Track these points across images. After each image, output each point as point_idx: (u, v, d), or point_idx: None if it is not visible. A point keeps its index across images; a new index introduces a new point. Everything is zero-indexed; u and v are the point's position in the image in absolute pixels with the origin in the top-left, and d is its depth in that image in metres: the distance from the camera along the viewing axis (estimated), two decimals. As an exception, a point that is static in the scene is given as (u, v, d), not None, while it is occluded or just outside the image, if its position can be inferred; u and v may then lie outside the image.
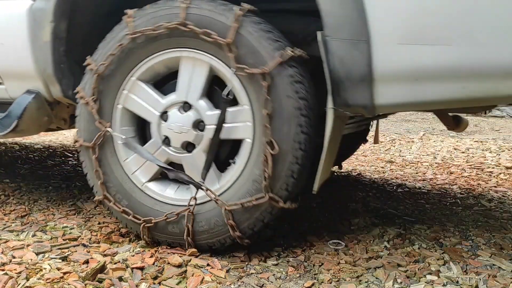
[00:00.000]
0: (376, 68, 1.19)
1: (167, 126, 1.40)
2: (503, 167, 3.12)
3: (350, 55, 1.21)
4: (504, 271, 1.36)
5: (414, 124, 5.63)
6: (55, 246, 1.41)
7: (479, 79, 1.15)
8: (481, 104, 1.27)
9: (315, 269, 1.34)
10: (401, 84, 1.20)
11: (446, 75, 1.16)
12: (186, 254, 1.37)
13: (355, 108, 1.26)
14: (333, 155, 1.42)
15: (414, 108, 1.33)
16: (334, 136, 1.31)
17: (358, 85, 1.22)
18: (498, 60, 1.11)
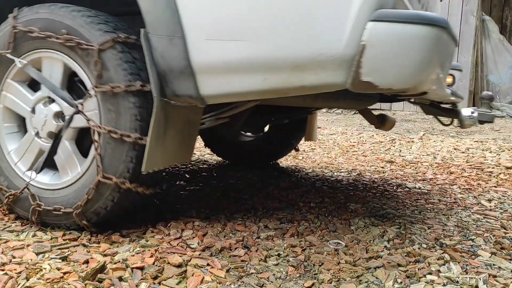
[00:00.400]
0: (193, 62, 1.34)
1: (36, 119, 1.57)
2: (503, 167, 3.12)
3: (168, 50, 1.36)
4: (504, 271, 1.36)
5: (414, 124, 5.63)
6: (55, 246, 1.41)
7: (275, 72, 1.28)
8: (287, 94, 1.34)
9: (315, 269, 1.34)
10: (217, 76, 1.34)
11: (248, 68, 1.30)
12: (187, 254, 1.38)
13: (184, 98, 1.41)
14: (172, 141, 1.51)
15: (238, 98, 1.42)
16: (161, 123, 1.43)
17: (181, 77, 1.38)
18: (286, 54, 1.25)
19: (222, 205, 2.02)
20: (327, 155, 3.77)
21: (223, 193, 2.24)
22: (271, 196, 2.22)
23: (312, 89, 1.29)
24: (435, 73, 1.31)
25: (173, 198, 2.11)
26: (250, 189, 2.37)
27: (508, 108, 6.30)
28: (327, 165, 3.28)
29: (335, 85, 1.25)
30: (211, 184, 2.47)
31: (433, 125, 5.52)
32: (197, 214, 1.84)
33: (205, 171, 2.86)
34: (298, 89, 1.30)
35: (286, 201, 2.12)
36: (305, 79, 1.26)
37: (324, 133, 5.16)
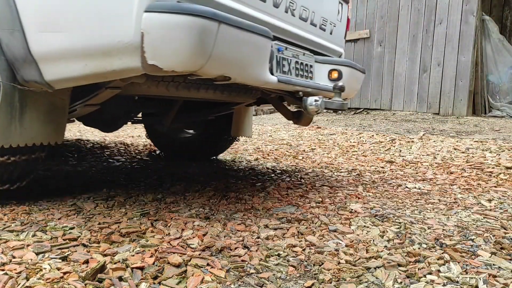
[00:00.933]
0: (32, 51, 1.57)
1: None
2: (503, 167, 3.12)
3: (11, 41, 1.61)
4: (504, 271, 1.36)
5: (414, 124, 5.63)
6: (55, 246, 1.41)
7: (90, 58, 1.48)
8: (106, 79, 1.53)
9: (315, 269, 1.34)
10: (53, 63, 1.56)
11: (71, 56, 1.51)
12: (187, 254, 1.37)
13: (32, 83, 1.64)
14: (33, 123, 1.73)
15: (75, 83, 1.60)
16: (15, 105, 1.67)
17: (25, 65, 1.61)
18: (94, 43, 1.46)
19: (222, 205, 2.02)
20: (327, 155, 3.77)
21: (223, 193, 2.24)
22: (271, 196, 2.22)
23: (122, 73, 1.48)
24: (223, 59, 1.49)
25: (173, 198, 2.11)
26: (250, 189, 2.37)
27: (508, 108, 6.30)
28: (327, 165, 3.28)
29: (134, 68, 1.43)
30: (211, 184, 2.47)
31: (433, 125, 5.53)
32: (197, 214, 1.84)
33: (205, 171, 2.86)
34: (112, 73, 1.49)
35: (286, 201, 2.12)
36: (114, 64, 1.45)
37: (324, 133, 5.16)
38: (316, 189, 2.42)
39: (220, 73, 1.53)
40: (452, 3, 6.09)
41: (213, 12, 1.40)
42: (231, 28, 1.48)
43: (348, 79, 2.29)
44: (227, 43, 1.48)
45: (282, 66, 1.93)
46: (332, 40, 2.48)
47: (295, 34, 2.10)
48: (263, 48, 1.67)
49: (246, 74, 1.64)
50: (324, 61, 2.30)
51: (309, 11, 2.20)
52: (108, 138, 4.68)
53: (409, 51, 6.49)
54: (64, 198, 2.01)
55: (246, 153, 3.79)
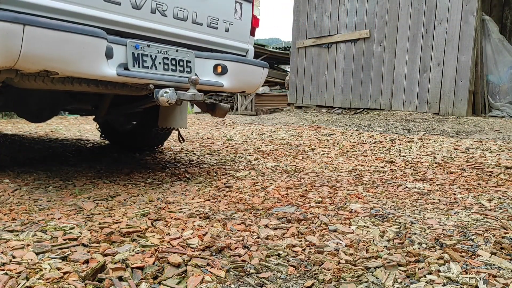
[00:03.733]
0: None
1: None
2: (503, 167, 3.12)
3: None
4: (504, 271, 1.36)
5: (414, 124, 5.62)
6: (55, 246, 1.41)
7: None
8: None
9: (315, 269, 1.34)
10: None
11: None
12: (187, 254, 1.37)
13: None
14: None
15: None
16: None
17: None
18: None
19: (222, 205, 2.02)
20: (327, 155, 3.77)
21: (223, 193, 2.24)
22: (271, 196, 2.22)
23: None
24: (37, 56, 1.73)
25: (173, 198, 2.11)
26: (250, 189, 2.37)
27: (508, 108, 6.29)
28: (327, 165, 3.28)
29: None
30: (211, 184, 2.47)
31: (433, 125, 5.52)
32: (197, 214, 1.84)
33: (206, 171, 2.86)
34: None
35: (286, 201, 2.12)
36: None
37: (324, 133, 5.16)
38: (316, 189, 2.42)
39: (41, 68, 1.79)
40: (452, 3, 6.09)
41: (13, 16, 1.66)
42: (41, 29, 1.71)
43: (236, 73, 2.49)
44: (39, 42, 1.71)
45: (142, 62, 2.15)
46: (230, 37, 2.69)
47: (164, 32, 2.32)
48: (91, 45, 1.89)
49: (74, 69, 1.87)
50: (208, 56, 2.48)
51: (189, 11, 2.41)
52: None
53: (409, 51, 6.49)
54: (64, 198, 2.01)
55: (246, 153, 3.79)
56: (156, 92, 2.17)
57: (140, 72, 2.14)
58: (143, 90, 2.30)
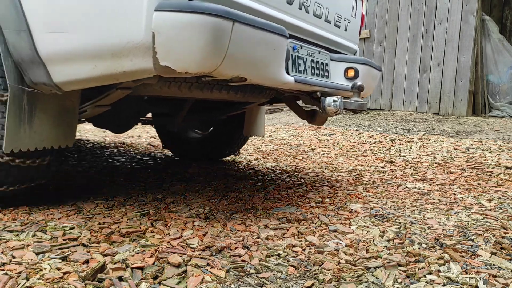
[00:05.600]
0: (39, 52, 1.52)
1: None
2: (503, 167, 3.12)
3: (18, 42, 1.55)
4: (504, 271, 1.36)
5: (414, 124, 5.62)
6: (55, 246, 1.41)
7: (100, 59, 1.42)
8: (118, 80, 1.47)
9: (315, 269, 1.34)
10: (61, 64, 1.51)
11: (79, 56, 1.45)
12: (187, 254, 1.37)
13: (41, 86, 1.59)
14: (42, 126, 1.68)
15: (84, 85, 1.54)
16: (23, 108, 1.61)
17: (33, 66, 1.55)
18: (103, 43, 1.40)
19: (222, 205, 2.02)
20: (327, 155, 3.77)
21: (223, 193, 2.24)
22: (271, 196, 2.22)
23: (133, 75, 1.41)
24: (239, 59, 1.41)
25: (173, 198, 2.10)
26: (250, 189, 2.37)
27: (508, 108, 6.30)
28: (327, 165, 3.28)
29: (146, 70, 1.37)
30: (211, 184, 2.47)
31: (433, 125, 5.52)
32: (197, 214, 1.84)
33: (205, 171, 2.86)
34: (123, 75, 1.42)
35: (286, 201, 2.12)
36: (124, 66, 1.39)
37: (324, 133, 5.16)
38: (316, 189, 2.42)
39: (236, 74, 1.46)
40: (452, 3, 6.09)
41: (226, 11, 1.33)
42: (246, 27, 1.41)
43: (364, 78, 2.19)
44: (242, 42, 1.41)
45: (297, 65, 1.87)
46: (347, 37, 2.40)
47: (309, 32, 2.04)
48: (279, 47, 1.59)
49: (262, 74, 1.57)
50: (339, 59, 2.19)
51: (323, 8, 2.12)
52: (108, 138, 4.68)
53: (409, 51, 6.49)
54: (64, 198, 2.01)
55: (246, 153, 3.79)
56: (323, 100, 1.94)
57: (306, 77, 1.87)
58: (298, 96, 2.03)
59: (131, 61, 1.37)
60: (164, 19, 1.30)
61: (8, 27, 1.56)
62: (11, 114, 1.57)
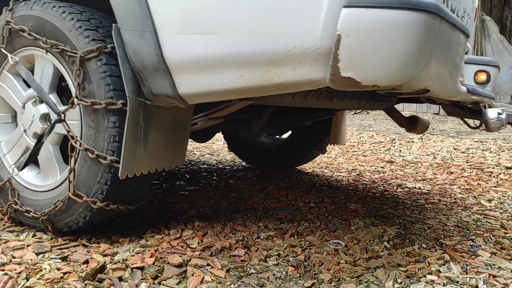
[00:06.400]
0: (166, 58, 1.24)
1: (25, 116, 1.54)
2: (503, 167, 3.12)
3: (140, 45, 1.27)
4: (504, 271, 1.36)
5: (414, 124, 5.62)
6: (55, 246, 1.41)
7: (249, 68, 1.16)
8: (266, 93, 1.19)
9: (315, 269, 1.34)
10: (192, 73, 1.23)
11: (222, 64, 1.18)
12: (187, 254, 1.37)
13: (162, 98, 1.31)
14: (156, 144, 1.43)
15: (218, 97, 1.29)
16: (140, 125, 1.36)
17: (155, 75, 1.28)
18: (259, 48, 1.13)
19: (222, 205, 2.02)
20: (327, 155, 3.77)
21: (223, 193, 2.24)
22: (271, 196, 2.22)
23: (292, 87, 1.16)
24: (433, 67, 1.14)
25: (173, 198, 2.10)
26: (250, 189, 2.37)
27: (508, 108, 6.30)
28: (327, 165, 3.28)
29: (315, 81, 1.11)
30: (211, 184, 2.47)
31: (433, 125, 5.52)
32: (197, 214, 1.84)
33: (205, 171, 2.86)
34: (277, 87, 1.17)
35: (286, 201, 2.12)
36: (283, 76, 1.13)
37: (324, 133, 5.16)
38: (316, 189, 2.42)
39: (424, 85, 1.17)
40: (452, 3, 6.09)
41: (437, 6, 1.05)
42: (447, 26, 1.14)
43: (494, 81, 1.81)
44: (442, 45, 1.15)
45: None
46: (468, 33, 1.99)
47: None
48: (462, 49, 1.32)
49: (444, 84, 1.28)
50: (469, 60, 1.79)
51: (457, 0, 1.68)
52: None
53: (409, 51, 6.48)
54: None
55: (246, 153, 3.79)
56: (486, 113, 1.66)
57: (475, 86, 1.58)
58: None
59: (293, 70, 1.11)
60: (358, 18, 1.02)
61: (129, 28, 1.29)
62: (128, 133, 1.32)
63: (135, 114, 1.33)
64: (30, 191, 1.54)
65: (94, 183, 1.38)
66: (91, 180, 1.38)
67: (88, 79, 1.35)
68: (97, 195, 1.38)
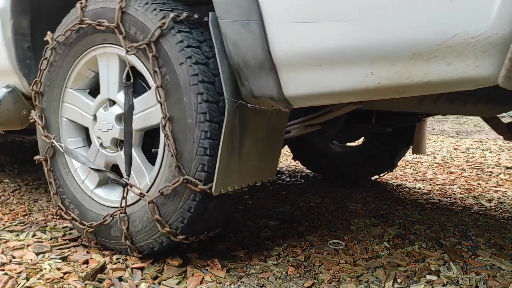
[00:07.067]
0: (275, 52, 1.03)
1: (97, 127, 1.38)
2: (503, 167, 3.12)
3: (243, 38, 1.06)
4: (504, 271, 1.36)
5: (414, 124, 5.62)
6: (55, 246, 1.41)
7: (385, 63, 0.94)
8: (402, 94, 1.00)
9: (315, 269, 1.34)
10: (306, 70, 1.02)
11: (347, 58, 0.97)
12: (186, 254, 1.37)
13: (264, 100, 1.10)
14: (250, 155, 1.25)
15: (334, 100, 1.11)
16: (236, 132, 1.17)
17: (259, 73, 1.07)
18: (403, 38, 0.90)
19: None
20: (327, 155, 3.77)
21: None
22: (271, 196, 2.22)
23: (441, 87, 0.94)
24: None
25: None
26: (250, 189, 2.37)
27: (508, 108, 6.29)
28: (327, 165, 3.28)
29: (477, 80, 0.89)
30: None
31: (433, 125, 5.52)
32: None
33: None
34: (419, 87, 0.94)
35: (286, 201, 2.12)
36: (431, 73, 0.91)
37: (324, 133, 5.16)
38: (316, 189, 2.42)
39: None
40: (452, 3, 6.08)
41: None
42: None
43: None
44: None
45: None
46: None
47: None
48: None
49: None
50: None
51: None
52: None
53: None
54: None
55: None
56: None
57: None
58: None
59: (447, 65, 0.90)
60: None
61: (229, 16, 1.09)
62: (225, 140, 1.13)
63: (231, 119, 1.14)
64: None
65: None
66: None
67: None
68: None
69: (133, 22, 1.22)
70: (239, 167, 1.20)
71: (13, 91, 1.72)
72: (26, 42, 1.67)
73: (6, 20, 1.63)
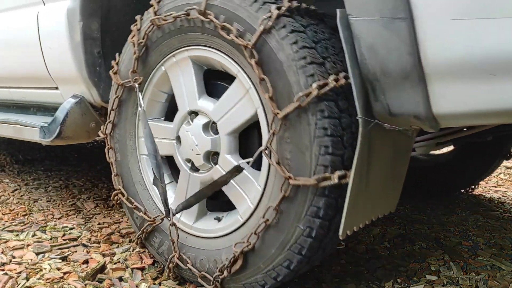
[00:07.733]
0: (427, 58, 0.80)
1: (183, 147, 1.19)
2: (503, 167, 3.12)
3: (383, 40, 0.84)
4: (504, 271, 1.36)
5: (414, 124, 5.63)
6: (55, 246, 1.41)
7: None
8: None
9: (316, 269, 1.34)
10: (471, 82, 0.78)
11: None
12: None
13: (405, 118, 0.87)
14: (376, 183, 1.02)
15: (505, 119, 0.85)
16: (365, 157, 0.94)
17: (403, 84, 0.84)
18: None
19: (222, 205, 2.02)
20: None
21: (223, 193, 2.24)
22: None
23: None
24: None
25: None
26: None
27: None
28: (327, 165, 3.28)
29: None
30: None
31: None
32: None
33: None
34: None
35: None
36: None
37: (324, 133, 5.16)
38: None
39: None
40: (452, 3, 6.08)
41: None
42: None
43: None
44: None
45: None
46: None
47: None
48: None
49: None
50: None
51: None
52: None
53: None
54: (64, 198, 2.01)
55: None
56: None
57: None
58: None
59: None
60: None
61: (365, 14, 0.86)
62: (357, 171, 0.91)
63: (366, 141, 0.92)
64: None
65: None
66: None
67: None
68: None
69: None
70: (365, 201, 0.99)
71: (80, 102, 1.52)
72: (96, 47, 1.46)
73: (75, 23, 1.43)
